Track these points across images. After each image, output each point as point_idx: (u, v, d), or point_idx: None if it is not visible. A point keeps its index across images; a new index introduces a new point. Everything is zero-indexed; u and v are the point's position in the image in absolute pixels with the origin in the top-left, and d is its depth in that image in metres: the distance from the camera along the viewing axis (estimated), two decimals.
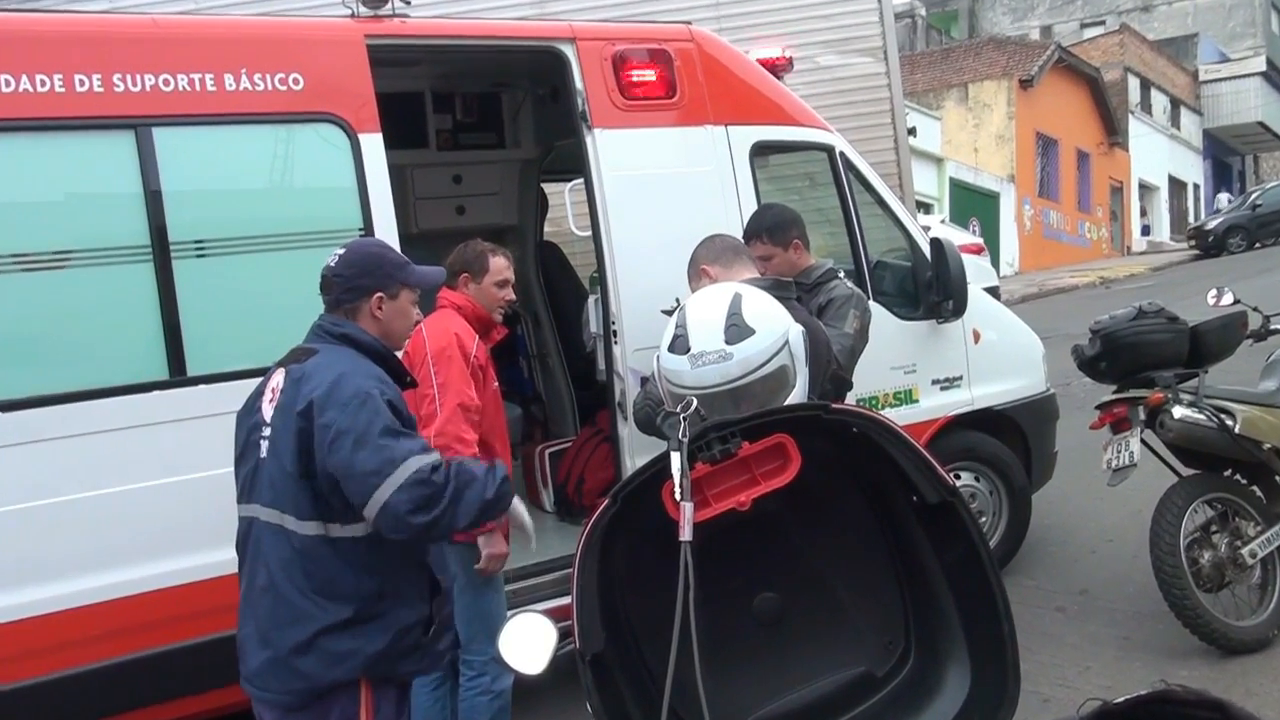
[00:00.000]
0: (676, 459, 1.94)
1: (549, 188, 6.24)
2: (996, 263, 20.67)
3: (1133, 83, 31.09)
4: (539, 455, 5.36)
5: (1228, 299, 4.85)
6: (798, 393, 2.36)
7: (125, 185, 3.45)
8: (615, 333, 4.27)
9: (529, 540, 3.04)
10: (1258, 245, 23.60)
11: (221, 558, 3.14)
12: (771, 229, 3.82)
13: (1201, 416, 4.28)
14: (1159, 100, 32.86)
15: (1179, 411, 4.28)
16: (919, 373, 5.04)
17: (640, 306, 4.16)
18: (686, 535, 1.89)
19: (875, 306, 4.31)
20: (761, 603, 2.25)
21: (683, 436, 1.96)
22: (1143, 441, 4.48)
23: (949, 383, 5.15)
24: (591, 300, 4.70)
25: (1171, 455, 4.65)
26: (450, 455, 2.82)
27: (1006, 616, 2.09)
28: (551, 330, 5.98)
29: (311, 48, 3.79)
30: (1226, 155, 38.53)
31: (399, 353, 2.78)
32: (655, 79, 4.41)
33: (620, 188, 4.28)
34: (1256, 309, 4.85)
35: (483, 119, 5.74)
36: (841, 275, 3.89)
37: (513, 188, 6.00)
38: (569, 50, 4.28)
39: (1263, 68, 34.49)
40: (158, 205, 3.46)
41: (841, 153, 4.95)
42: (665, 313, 3.29)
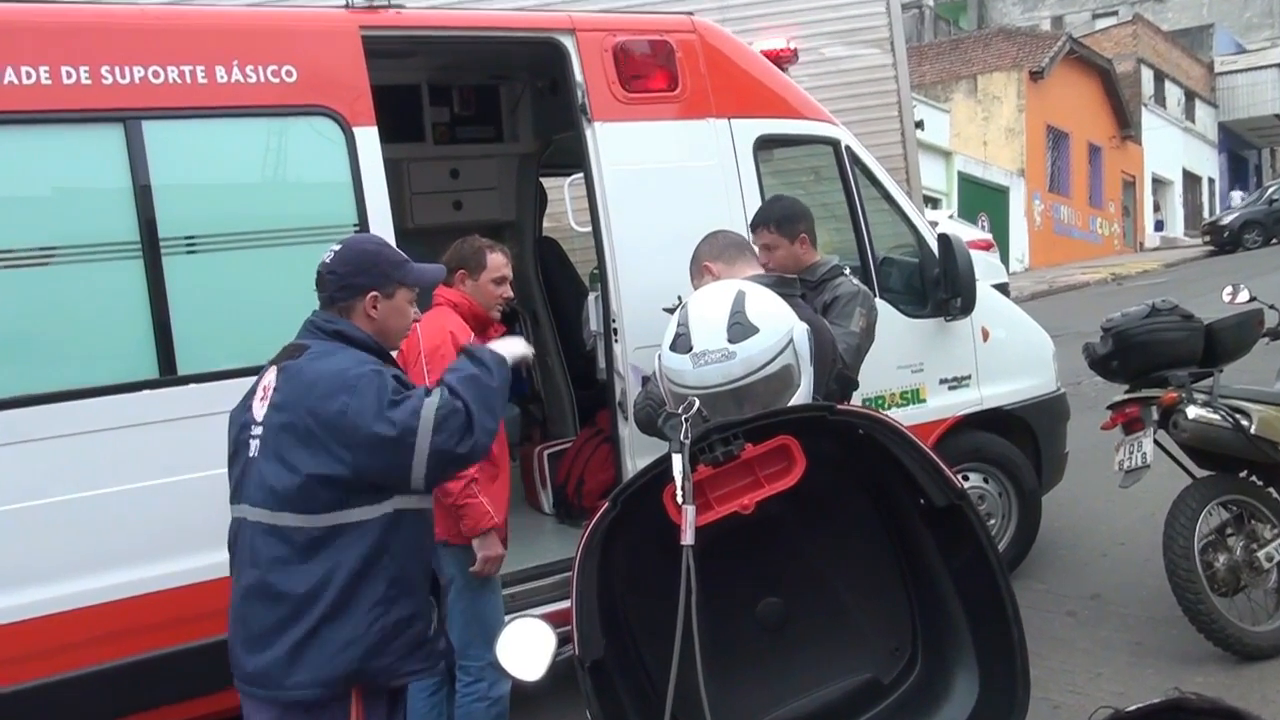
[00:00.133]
0: (678, 461, 1.94)
1: (548, 182, 6.23)
2: (1006, 259, 20.70)
3: (1146, 74, 31.07)
4: (538, 456, 5.36)
5: (1243, 296, 4.84)
6: (802, 393, 2.36)
7: (114, 180, 3.44)
8: (616, 331, 4.27)
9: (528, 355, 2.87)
10: (1274, 241, 23.59)
11: (213, 561, 3.16)
12: (780, 220, 3.83)
13: (1216, 417, 4.27)
14: (1173, 92, 32.84)
15: (1193, 411, 4.28)
16: (926, 372, 5.04)
17: (641, 304, 4.15)
18: (688, 539, 1.89)
19: (881, 304, 4.32)
20: (765, 608, 2.26)
21: (685, 438, 1.96)
22: (1156, 442, 4.48)
23: (957, 382, 5.15)
24: (591, 297, 4.70)
25: (1185, 456, 4.64)
26: None
27: (1016, 622, 2.09)
28: (550, 328, 5.98)
29: (305, 39, 3.79)
30: (1242, 149, 38.52)
31: (394, 352, 2.78)
32: (657, 71, 4.41)
33: (621, 182, 4.28)
34: (1273, 306, 4.84)
35: (480, 112, 5.74)
36: (847, 272, 3.89)
37: (511, 182, 6.00)
38: (568, 41, 4.28)
39: None
40: (147, 200, 3.45)
41: (847, 146, 4.95)
42: (667, 310, 3.29)
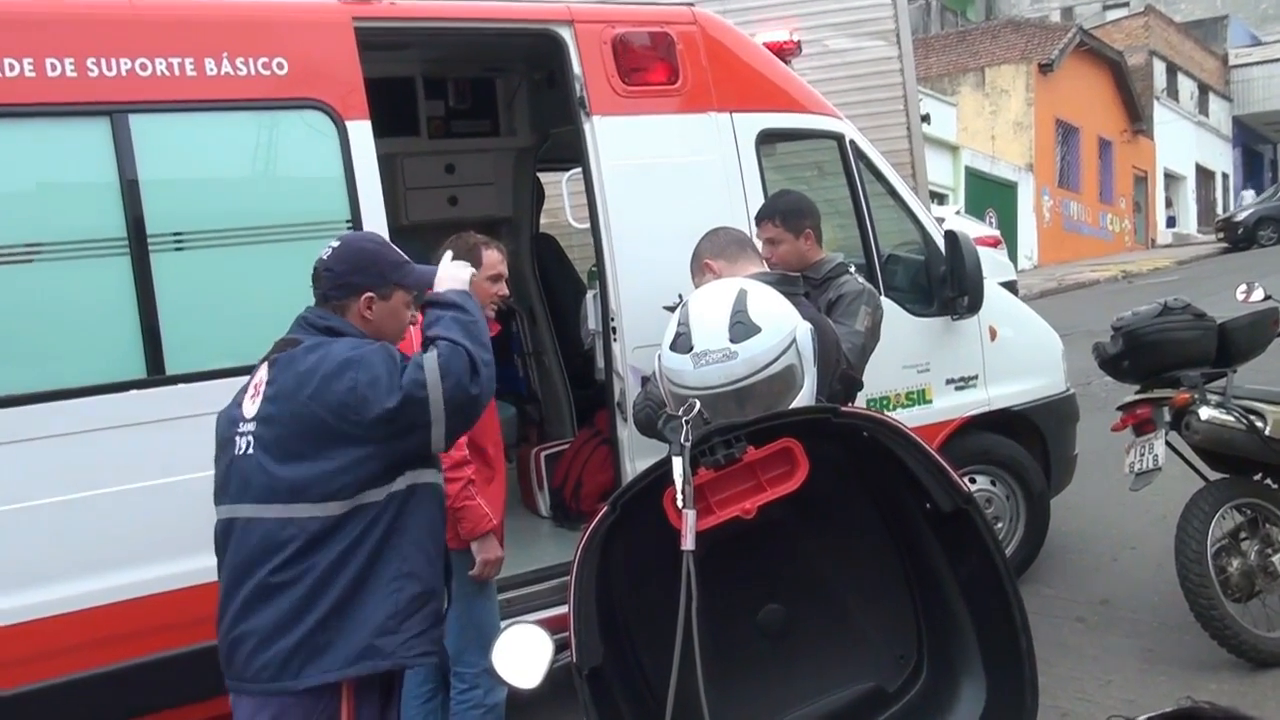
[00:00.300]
0: (678, 464, 1.94)
1: (545, 178, 6.23)
2: (1014, 256, 20.68)
3: (1158, 67, 31.05)
4: (535, 458, 5.36)
5: (1258, 295, 4.84)
6: (805, 394, 2.36)
7: (100, 175, 3.44)
8: (614, 330, 4.27)
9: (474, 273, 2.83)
10: None
11: (204, 564, 3.16)
12: (786, 213, 3.84)
13: (1230, 418, 4.27)
14: (1186, 85, 32.83)
15: (1206, 413, 4.28)
16: (932, 372, 5.04)
17: (641, 302, 4.16)
18: (689, 544, 1.89)
19: (887, 302, 4.32)
20: (767, 614, 2.25)
21: (685, 440, 1.96)
22: (1167, 444, 4.48)
23: (964, 382, 5.15)
24: (590, 295, 4.70)
25: (1198, 458, 4.65)
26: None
27: (1024, 629, 2.09)
28: (548, 327, 5.98)
29: (296, 31, 3.78)
30: (1257, 143, 38.51)
31: None
32: (657, 64, 4.40)
33: (620, 178, 4.28)
34: None
35: (476, 105, 5.74)
36: (852, 270, 3.89)
37: (507, 177, 5.99)
38: (566, 33, 4.28)
39: None
40: (134, 196, 3.45)
41: (852, 141, 4.94)
42: (667, 309, 3.29)
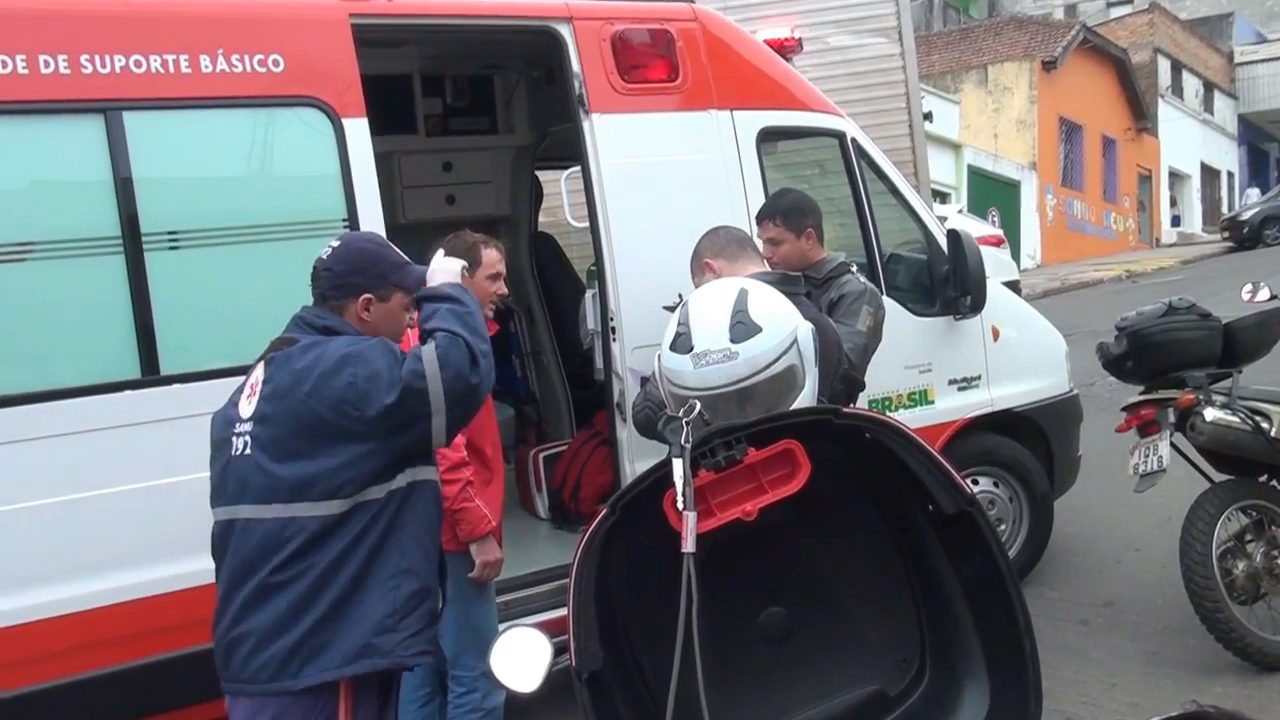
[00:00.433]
0: (679, 466, 1.94)
1: (544, 176, 6.24)
2: (1017, 255, 20.69)
3: (1163, 64, 31.07)
4: (533, 459, 5.36)
5: (1264, 294, 4.84)
6: (806, 394, 2.36)
7: (94, 173, 3.43)
8: (614, 330, 4.27)
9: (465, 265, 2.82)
10: None
11: (197, 567, 3.15)
12: (787, 212, 3.84)
13: (1235, 419, 4.28)
14: (1191, 83, 32.85)
15: (1211, 414, 4.28)
16: (935, 372, 5.05)
17: (640, 302, 4.16)
18: (689, 547, 1.89)
19: (889, 302, 4.32)
20: (768, 618, 2.25)
21: (685, 442, 1.96)
22: (1172, 445, 4.48)
23: (966, 383, 5.15)
24: (589, 295, 4.70)
25: (1203, 460, 4.65)
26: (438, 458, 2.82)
27: (1027, 632, 2.09)
28: (546, 327, 5.98)
29: (293, 27, 3.78)
30: (1263, 141, 38.52)
31: None
32: (657, 61, 4.41)
33: (619, 176, 4.28)
34: None
35: (474, 103, 5.74)
36: (854, 269, 3.90)
37: (506, 176, 5.99)
38: (565, 30, 4.28)
39: None
40: (128, 194, 3.44)
41: (853, 139, 4.95)
42: (667, 309, 3.29)
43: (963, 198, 22.19)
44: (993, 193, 23.61)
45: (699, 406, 2.07)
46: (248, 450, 2.48)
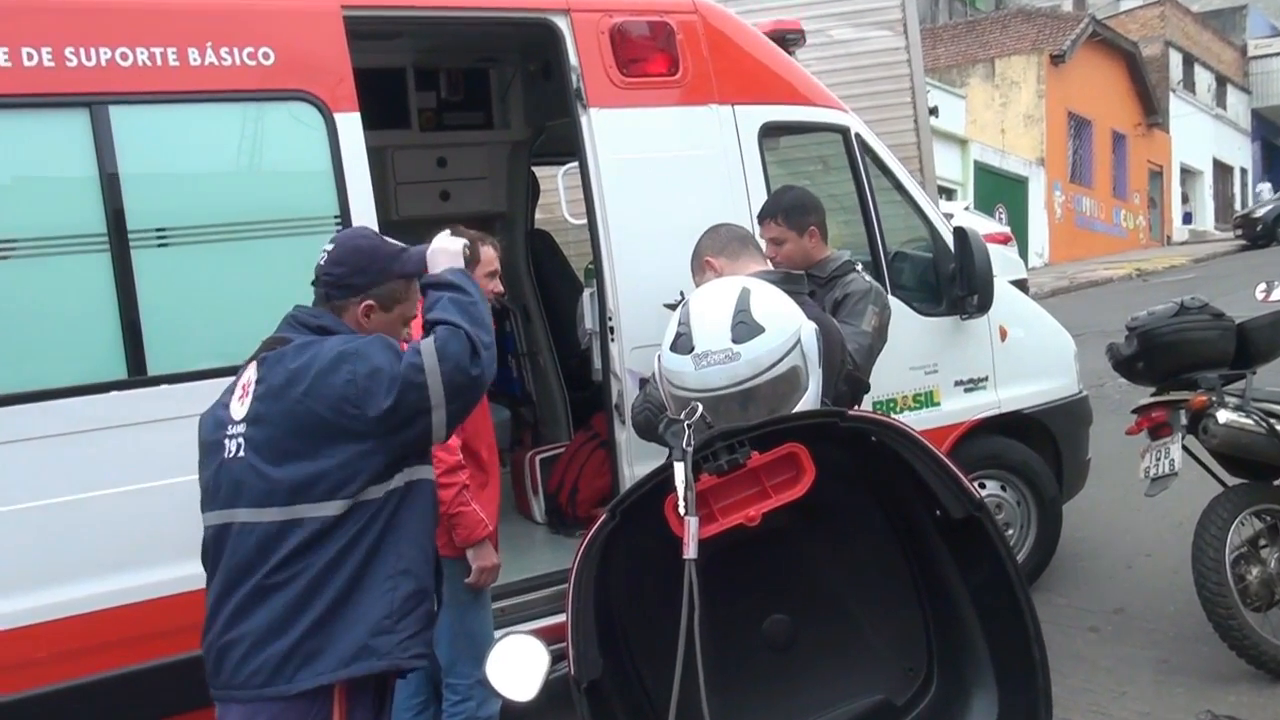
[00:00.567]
0: (680, 470, 1.94)
1: (541, 172, 6.23)
2: (1025, 253, 20.73)
3: (1174, 58, 31.11)
4: (529, 462, 5.36)
5: (1278, 294, 4.84)
6: (810, 396, 2.36)
7: (79, 168, 3.42)
8: (612, 329, 4.27)
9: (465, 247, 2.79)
10: None
11: (181, 574, 3.15)
12: (789, 210, 3.84)
13: (1249, 421, 4.28)
14: (1203, 77, 32.89)
15: (1224, 416, 4.28)
16: (941, 373, 5.05)
17: (639, 301, 4.16)
18: (691, 553, 1.88)
19: (894, 301, 4.32)
20: (772, 625, 2.25)
21: (687, 445, 1.95)
22: (1184, 448, 4.48)
23: (973, 384, 5.16)
24: (587, 294, 4.70)
25: (1216, 463, 4.65)
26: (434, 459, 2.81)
27: (1037, 640, 2.09)
28: (543, 326, 5.98)
29: (283, 20, 3.78)
30: (1277, 137, 38.57)
31: None
32: (656, 54, 4.40)
33: (618, 172, 4.28)
34: None
35: (469, 97, 5.74)
36: (859, 268, 3.90)
37: (501, 171, 5.99)
38: (563, 23, 4.28)
39: None
40: (115, 190, 3.44)
41: (857, 134, 4.95)
42: (668, 306, 3.29)
43: (969, 194, 22.23)
44: (1000, 189, 23.63)
45: (701, 409, 2.06)
46: (241, 453, 2.47)
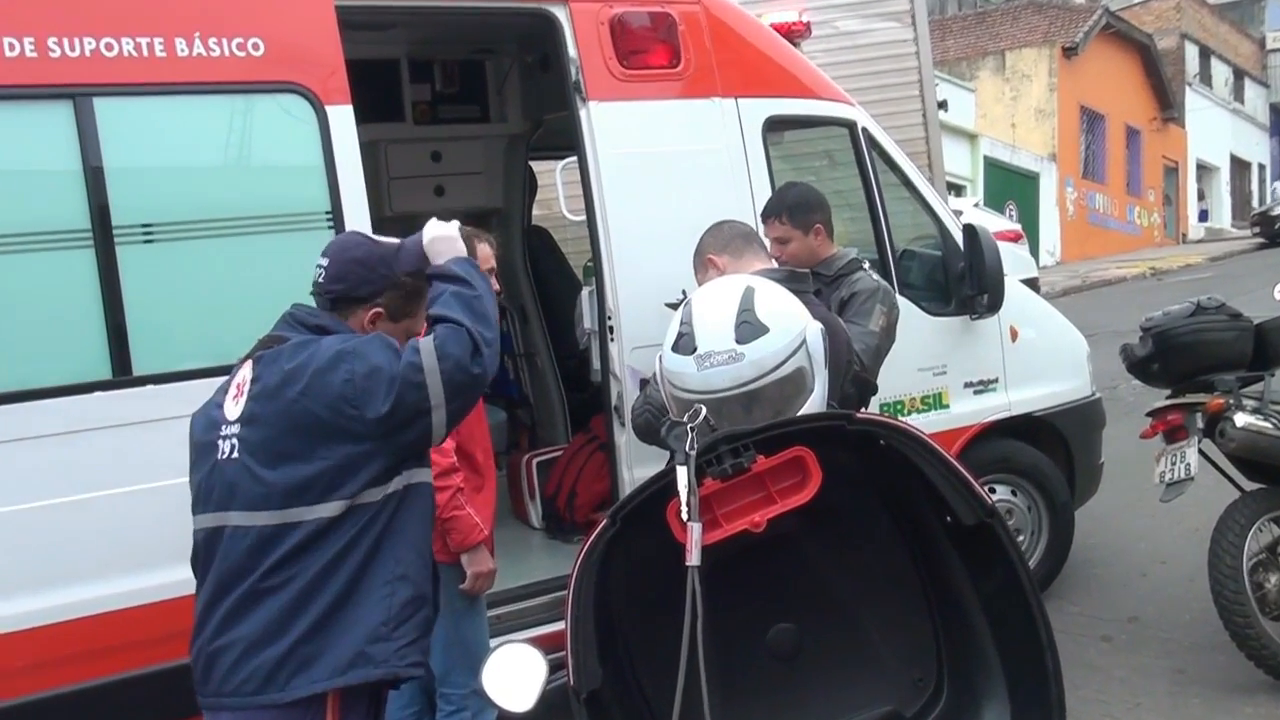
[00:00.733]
0: (683, 474, 1.94)
1: (538, 167, 6.23)
2: (1036, 251, 20.74)
3: (1190, 51, 31.12)
4: (526, 465, 5.36)
5: None
6: (816, 398, 2.36)
7: (62, 162, 3.42)
8: (612, 329, 4.27)
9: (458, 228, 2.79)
10: None
11: (167, 579, 3.15)
12: (793, 208, 3.84)
13: (1267, 425, 4.28)
14: (1220, 71, 32.90)
15: (1242, 419, 4.28)
16: (950, 374, 5.05)
17: (639, 300, 4.16)
18: (694, 559, 1.88)
19: (902, 301, 4.32)
20: (777, 634, 2.25)
21: (690, 449, 1.95)
22: (1200, 452, 4.48)
23: (983, 386, 5.16)
24: (585, 292, 4.70)
25: (1232, 468, 4.65)
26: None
27: (1050, 649, 2.09)
28: (540, 326, 5.98)
29: (274, 9, 3.77)
30: None
31: None
32: (657, 46, 4.40)
33: (618, 167, 4.28)
34: None
35: (465, 89, 5.74)
36: (866, 266, 3.90)
37: (498, 166, 5.99)
38: (561, 13, 4.28)
39: None
40: (99, 184, 3.43)
41: (864, 128, 4.96)
42: (669, 306, 3.29)
43: (979, 190, 22.23)
44: (1010, 185, 23.64)
45: (704, 411, 2.06)
46: (235, 454, 2.47)
